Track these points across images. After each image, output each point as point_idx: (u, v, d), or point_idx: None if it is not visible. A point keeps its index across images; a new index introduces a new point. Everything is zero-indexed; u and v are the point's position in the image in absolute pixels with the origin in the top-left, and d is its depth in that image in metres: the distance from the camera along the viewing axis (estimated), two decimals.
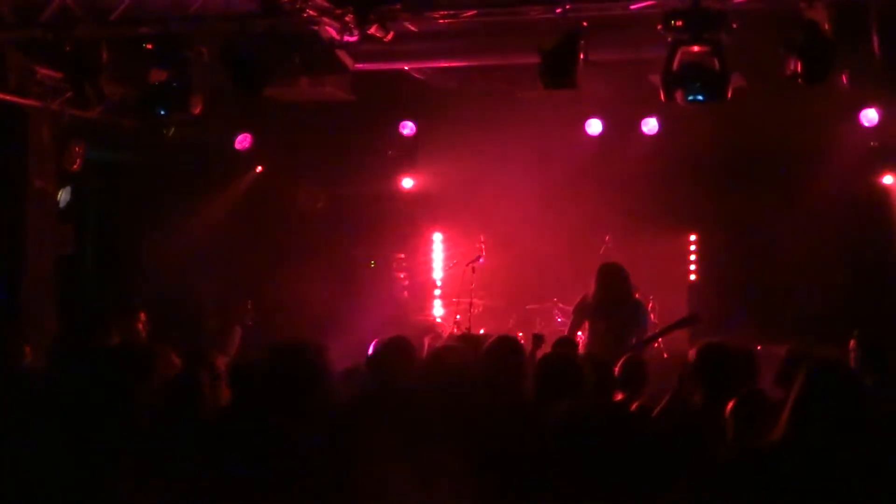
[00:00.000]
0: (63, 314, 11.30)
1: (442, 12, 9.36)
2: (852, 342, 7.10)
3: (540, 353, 8.86)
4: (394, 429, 5.45)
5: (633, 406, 6.65)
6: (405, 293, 14.67)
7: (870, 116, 12.14)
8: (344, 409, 6.02)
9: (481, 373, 5.83)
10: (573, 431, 4.62)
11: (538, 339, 8.83)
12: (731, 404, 5.33)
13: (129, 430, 5.47)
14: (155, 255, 13.26)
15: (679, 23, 8.58)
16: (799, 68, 8.56)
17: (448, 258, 14.58)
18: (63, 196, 11.97)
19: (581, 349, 9.29)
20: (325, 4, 8.81)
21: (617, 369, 7.01)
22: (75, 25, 9.71)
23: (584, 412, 4.75)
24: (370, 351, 6.52)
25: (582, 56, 8.97)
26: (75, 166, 11.78)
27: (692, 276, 14.38)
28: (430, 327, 12.69)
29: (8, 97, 10.20)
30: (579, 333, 9.81)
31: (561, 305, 12.86)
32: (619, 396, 6.89)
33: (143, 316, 9.28)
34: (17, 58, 9.84)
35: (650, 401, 6.64)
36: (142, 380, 5.74)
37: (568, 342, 8.50)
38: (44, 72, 10.48)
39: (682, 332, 10.97)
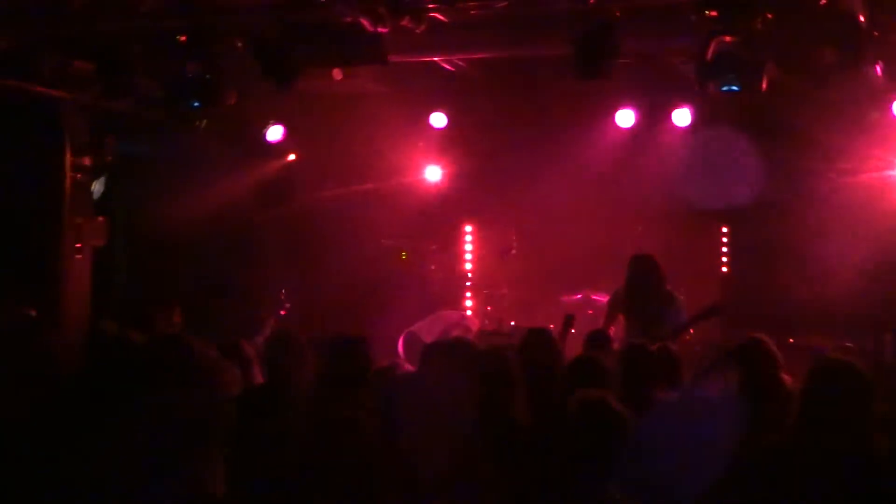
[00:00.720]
0: (97, 306, 11.37)
1: (474, 3, 9.36)
2: (888, 336, 7.08)
3: (569, 335, 8.92)
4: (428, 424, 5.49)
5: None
6: (437, 285, 14.67)
7: None
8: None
9: (513, 368, 5.83)
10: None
11: (569, 321, 8.85)
12: None
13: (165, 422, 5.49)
14: (187, 247, 13.33)
15: (713, 12, 8.54)
16: (834, 58, 8.51)
17: (479, 249, 14.58)
18: (96, 187, 12.04)
19: (615, 343, 9.29)
20: None
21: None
22: (107, 17, 9.77)
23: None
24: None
25: (615, 46, 8.93)
26: (108, 158, 11.86)
27: (724, 269, 14.32)
28: (459, 321, 12.68)
29: (42, 89, 10.24)
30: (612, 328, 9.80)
31: (593, 297, 12.84)
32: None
33: (178, 309, 9.38)
34: (50, 50, 9.88)
35: None
36: (181, 372, 5.75)
37: (601, 335, 8.50)
38: (77, 64, 10.53)
39: (712, 324, 10.96)
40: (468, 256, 14.90)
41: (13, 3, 9.61)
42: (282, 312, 8.93)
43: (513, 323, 12.82)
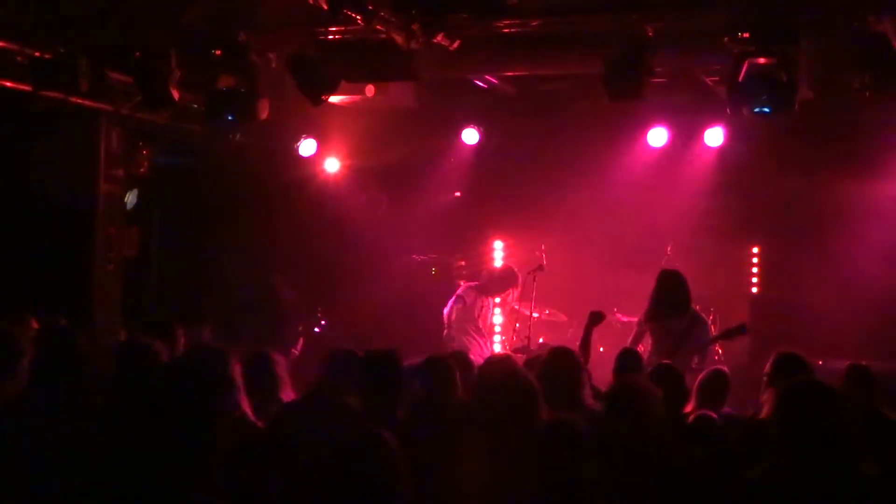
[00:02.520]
0: (128, 318, 11.47)
1: (507, 21, 9.44)
2: None
3: (596, 332, 8.92)
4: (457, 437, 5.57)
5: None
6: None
7: None
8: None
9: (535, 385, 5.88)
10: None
11: (596, 317, 8.83)
12: None
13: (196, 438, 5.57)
14: (219, 260, 13.45)
15: (745, 34, 8.59)
16: (868, 81, 8.54)
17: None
18: (130, 199, 12.18)
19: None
20: (392, 14, 8.91)
21: (698, 383, 7.03)
22: (146, 31, 9.92)
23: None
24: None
25: (648, 66, 8.99)
26: (143, 170, 12.00)
27: (754, 289, 14.30)
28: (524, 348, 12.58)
29: (79, 100, 10.38)
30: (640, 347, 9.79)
31: (620, 316, 12.85)
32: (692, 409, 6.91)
33: (207, 330, 9.45)
34: (88, 62, 10.02)
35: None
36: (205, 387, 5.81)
37: (631, 354, 8.45)
38: (114, 76, 10.68)
39: (740, 345, 10.94)
40: None
41: (54, 12, 9.76)
42: (316, 329, 9.00)
43: (541, 340, 12.83)
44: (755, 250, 14.35)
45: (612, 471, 4.93)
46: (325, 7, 8.51)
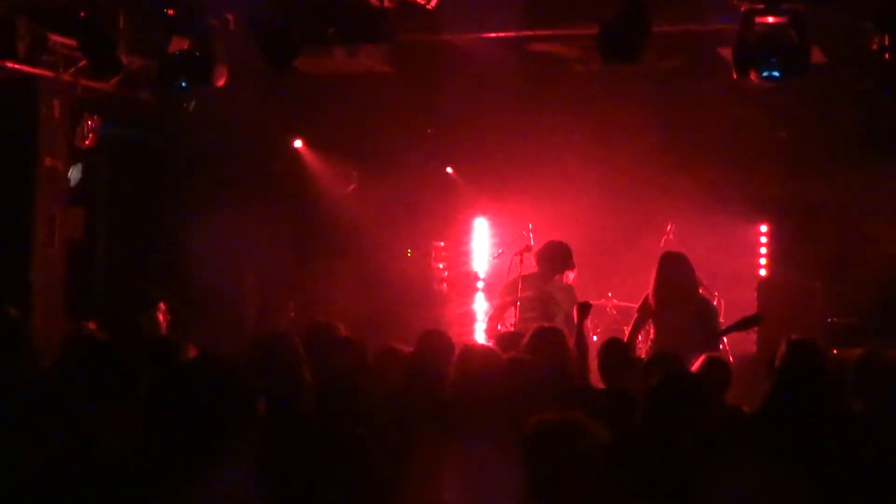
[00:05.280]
0: (73, 304, 11.44)
1: None
2: None
3: (586, 322, 8.95)
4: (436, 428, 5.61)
5: None
6: (444, 285, 14.73)
7: None
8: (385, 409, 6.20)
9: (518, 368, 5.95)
10: None
11: (584, 308, 8.84)
12: None
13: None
14: (173, 241, 13.41)
15: None
16: (886, 42, 8.56)
17: (492, 247, 14.63)
18: (73, 174, 12.12)
19: (643, 353, 9.34)
20: None
21: (697, 368, 7.04)
22: None
23: None
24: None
25: (646, 27, 8.99)
26: (87, 142, 11.93)
27: (762, 271, 14.36)
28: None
29: (17, 66, 10.32)
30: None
31: (616, 301, 12.90)
32: None
33: (163, 306, 9.47)
34: (27, 24, 9.96)
35: None
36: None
37: (617, 343, 8.37)
38: (56, 39, 10.61)
39: (748, 333, 10.98)
40: (479, 254, 14.94)
41: None
42: (285, 322, 9.07)
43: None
44: (763, 229, 14.40)
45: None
46: None
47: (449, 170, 14.59)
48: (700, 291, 10.03)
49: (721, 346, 10.69)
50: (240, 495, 5.09)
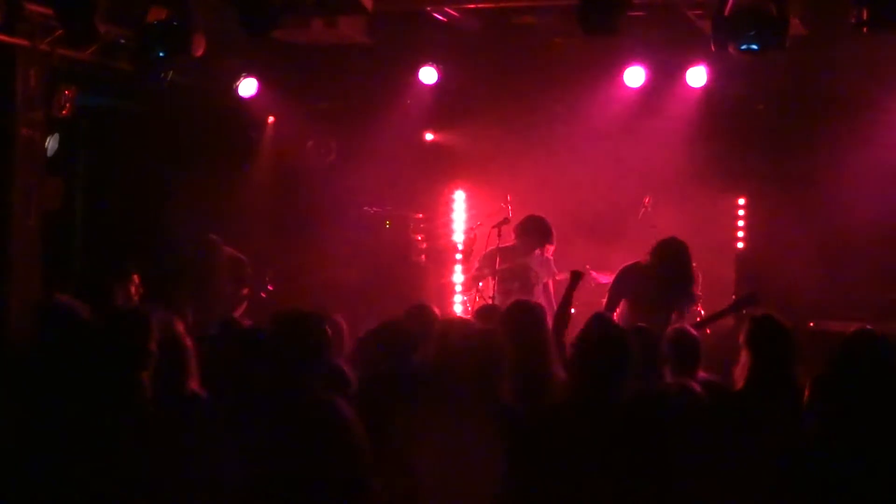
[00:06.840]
0: (49, 275, 11.39)
1: None
2: None
3: (578, 291, 8.91)
4: (415, 404, 5.63)
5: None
6: (423, 257, 14.73)
7: None
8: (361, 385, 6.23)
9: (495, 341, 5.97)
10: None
11: (576, 276, 8.74)
12: None
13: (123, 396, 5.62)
14: (152, 213, 13.36)
15: None
16: (864, 16, 8.56)
17: (471, 219, 14.63)
18: (50, 144, 12.03)
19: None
20: None
21: (667, 345, 7.05)
22: None
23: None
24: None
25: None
26: (64, 112, 11.86)
27: (740, 244, 14.39)
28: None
29: None
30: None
31: (594, 274, 12.91)
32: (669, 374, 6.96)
33: (136, 279, 9.44)
34: None
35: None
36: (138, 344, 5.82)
37: (603, 319, 8.35)
38: (32, 7, 10.54)
39: (723, 305, 10.97)
40: (458, 226, 14.94)
41: None
42: (262, 294, 9.01)
43: None
44: (741, 201, 14.42)
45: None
46: None
47: (429, 136, 14.57)
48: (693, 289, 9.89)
49: (698, 319, 10.70)
50: (221, 467, 5.14)
